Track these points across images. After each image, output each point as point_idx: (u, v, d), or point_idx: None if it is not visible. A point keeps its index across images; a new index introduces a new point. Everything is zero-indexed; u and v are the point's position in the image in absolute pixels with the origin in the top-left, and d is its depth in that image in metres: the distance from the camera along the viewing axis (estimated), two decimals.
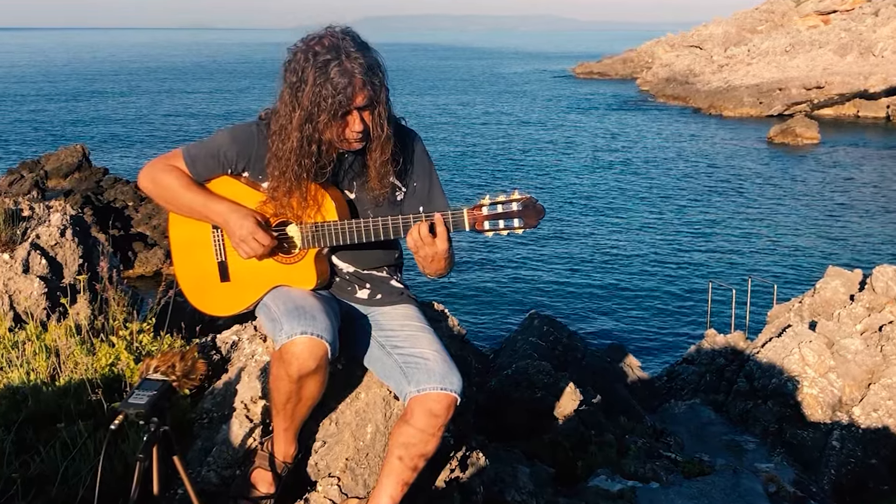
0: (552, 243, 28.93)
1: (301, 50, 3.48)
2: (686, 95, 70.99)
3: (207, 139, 3.79)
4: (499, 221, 3.44)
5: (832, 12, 73.83)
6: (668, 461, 7.07)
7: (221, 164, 3.72)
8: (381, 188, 3.68)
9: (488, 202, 3.45)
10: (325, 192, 3.64)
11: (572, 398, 7.35)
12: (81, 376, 4.44)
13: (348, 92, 3.39)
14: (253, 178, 3.75)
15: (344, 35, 3.47)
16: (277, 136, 3.55)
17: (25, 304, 5.88)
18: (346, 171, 3.75)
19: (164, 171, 3.73)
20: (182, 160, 3.73)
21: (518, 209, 3.42)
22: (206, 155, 3.72)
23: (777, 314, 12.31)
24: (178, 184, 3.70)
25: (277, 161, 3.56)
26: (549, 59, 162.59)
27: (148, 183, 3.78)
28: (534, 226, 3.44)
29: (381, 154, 3.61)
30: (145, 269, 24.61)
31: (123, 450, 3.95)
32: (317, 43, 3.45)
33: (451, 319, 6.23)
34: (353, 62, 3.40)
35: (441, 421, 3.47)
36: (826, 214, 33.21)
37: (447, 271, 3.72)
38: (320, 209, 3.63)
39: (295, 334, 3.37)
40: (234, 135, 3.73)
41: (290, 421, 3.69)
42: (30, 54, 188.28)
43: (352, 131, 3.50)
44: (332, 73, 3.37)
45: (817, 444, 8.43)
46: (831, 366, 9.31)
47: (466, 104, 77.30)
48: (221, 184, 3.75)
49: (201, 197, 3.69)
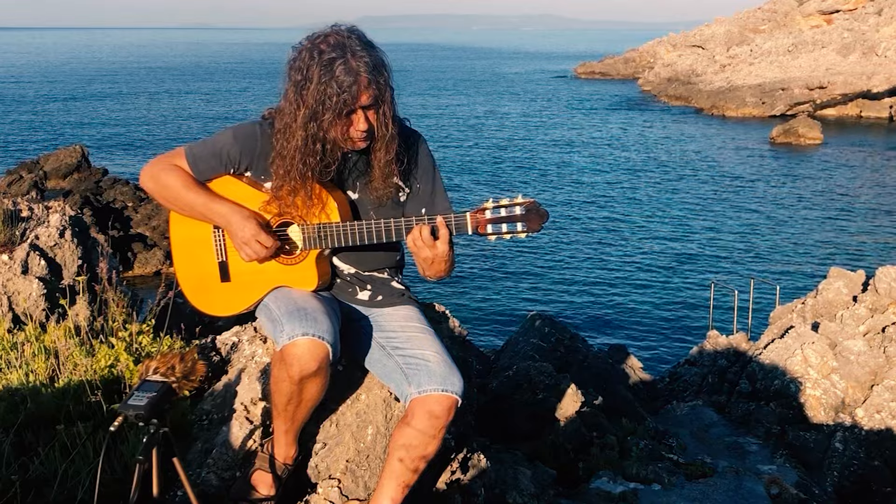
0: (554, 244, 28.92)
1: (306, 48, 3.47)
2: (688, 95, 70.97)
3: (210, 138, 3.78)
4: (501, 225, 3.44)
5: (835, 12, 73.81)
6: (671, 463, 7.08)
7: (224, 163, 3.71)
8: (384, 188, 3.68)
9: (491, 205, 3.45)
10: (329, 193, 3.64)
11: (574, 400, 7.36)
12: (80, 378, 4.44)
13: (353, 90, 3.38)
14: (255, 177, 3.75)
15: (350, 33, 3.47)
16: (282, 134, 3.55)
17: (24, 306, 5.88)
18: (350, 170, 3.75)
19: (166, 170, 3.72)
20: (184, 159, 3.72)
21: (521, 213, 3.42)
22: (208, 154, 3.71)
23: (779, 315, 12.30)
24: (179, 183, 3.69)
25: (282, 160, 3.56)
26: (551, 58, 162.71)
27: (149, 181, 3.77)
28: (537, 230, 3.44)
29: (386, 154, 3.60)
30: (145, 270, 24.62)
31: (123, 452, 3.95)
32: (322, 41, 3.45)
33: (453, 320, 6.23)
34: (359, 61, 3.39)
35: (442, 422, 3.47)
36: (829, 215, 33.19)
37: (447, 274, 3.72)
38: (324, 209, 3.63)
39: (296, 336, 3.37)
40: (237, 134, 3.72)
41: (290, 423, 3.69)
42: (28, 54, 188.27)
43: (356, 130, 3.50)
44: (337, 72, 3.37)
45: (820, 445, 8.42)
46: (834, 367, 9.30)
47: (467, 104, 77.31)
48: (223, 184, 3.75)
49: (203, 197, 3.69)
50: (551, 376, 7.55)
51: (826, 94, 61.47)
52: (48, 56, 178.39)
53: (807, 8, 76.49)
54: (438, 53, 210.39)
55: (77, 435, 4.02)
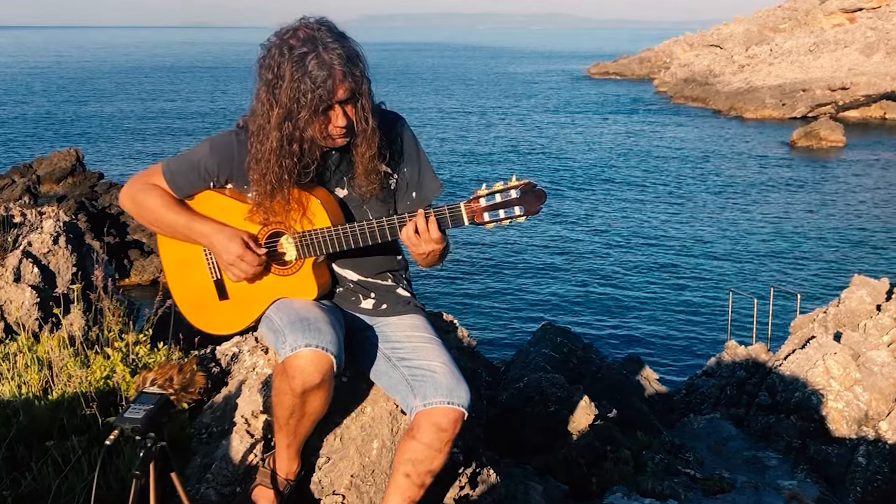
0: (566, 250, 28.90)
1: (275, 44, 3.43)
2: (705, 97, 70.92)
3: (187, 152, 3.76)
4: (498, 211, 3.39)
5: (858, 10, 73.69)
6: (687, 478, 7.06)
7: (202, 177, 3.69)
8: (368, 184, 3.65)
9: (485, 192, 3.40)
10: (310, 194, 3.61)
11: (587, 412, 7.34)
12: (75, 390, 4.45)
13: (328, 85, 3.34)
14: (238, 188, 3.73)
15: (319, 26, 3.43)
16: (256, 137, 3.52)
17: (17, 315, 5.89)
18: (333, 169, 3.73)
19: (144, 190, 3.71)
20: (161, 176, 3.71)
21: (517, 196, 3.37)
22: (186, 169, 3.70)
23: (800, 325, 12.27)
24: (159, 203, 3.69)
25: (257, 164, 3.52)
26: (563, 58, 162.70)
27: (128, 202, 3.77)
28: (536, 212, 3.39)
29: (368, 148, 3.57)
30: (142, 278, 24.62)
31: (119, 466, 3.96)
32: (291, 36, 3.41)
33: (461, 330, 6.23)
34: (332, 53, 3.35)
35: (448, 436, 3.46)
36: (851, 221, 33.11)
37: (440, 262, 3.71)
38: (306, 213, 3.60)
39: (299, 347, 3.36)
40: (213, 145, 3.70)
41: (293, 436, 3.69)
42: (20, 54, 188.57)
43: (335, 127, 3.46)
44: (310, 67, 3.33)
45: (842, 460, 8.39)
46: (857, 379, 9.28)
47: (476, 105, 77.29)
48: (205, 199, 3.74)
49: (184, 217, 3.68)
50: (563, 388, 7.54)
51: (849, 95, 61.34)
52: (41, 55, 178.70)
53: (829, 6, 76.38)
54: (445, 53, 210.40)
55: (71, 449, 4.02)
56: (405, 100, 79.79)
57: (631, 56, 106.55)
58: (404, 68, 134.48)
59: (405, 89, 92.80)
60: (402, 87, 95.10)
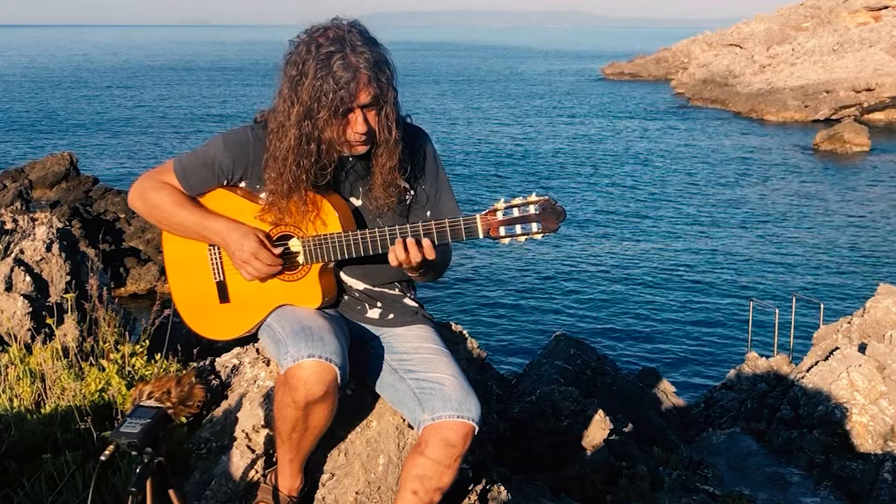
0: (580, 258, 28.87)
1: (303, 42, 3.46)
2: (725, 98, 70.91)
3: (200, 148, 3.76)
4: (515, 226, 3.39)
5: (884, 8, 73.62)
6: (706, 495, 7.05)
7: (216, 174, 3.70)
8: (385, 197, 3.67)
9: (503, 206, 3.40)
10: (325, 198, 3.62)
11: (601, 427, 7.33)
12: (69, 403, 4.45)
13: (351, 87, 3.36)
14: (251, 187, 3.74)
15: (351, 28, 3.45)
16: (275, 134, 3.53)
17: (8, 325, 5.90)
18: (349, 175, 3.73)
19: (154, 189, 3.71)
20: (173, 174, 3.71)
21: (536, 212, 3.38)
22: (198, 165, 3.70)
23: (824, 335, 12.25)
24: (170, 201, 3.69)
25: (275, 161, 3.54)
26: (577, 58, 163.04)
27: (138, 202, 3.77)
28: (554, 230, 3.39)
29: (389, 160, 3.58)
30: (138, 287, 24.61)
31: (114, 483, 3.96)
32: (321, 34, 3.43)
33: (471, 341, 6.23)
34: (359, 56, 3.37)
35: (458, 451, 3.45)
36: (877, 228, 33.07)
37: (438, 277, 3.73)
38: (319, 214, 3.60)
39: (302, 358, 3.35)
40: (227, 141, 3.71)
41: (295, 451, 3.68)
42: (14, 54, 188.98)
43: (354, 132, 3.47)
44: (334, 67, 3.35)
45: (867, 476, 8.38)
46: (883, 392, 9.26)
47: (487, 106, 77.43)
48: (217, 197, 3.74)
49: (196, 215, 3.68)
50: (577, 402, 7.53)
51: (874, 96, 61.27)
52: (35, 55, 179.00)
53: (853, 4, 76.29)
54: (457, 52, 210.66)
55: (65, 465, 4.02)
56: (416, 100, 79.81)
57: (647, 56, 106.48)
58: (417, 67, 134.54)
59: (412, 89, 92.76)
60: (407, 88, 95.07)
